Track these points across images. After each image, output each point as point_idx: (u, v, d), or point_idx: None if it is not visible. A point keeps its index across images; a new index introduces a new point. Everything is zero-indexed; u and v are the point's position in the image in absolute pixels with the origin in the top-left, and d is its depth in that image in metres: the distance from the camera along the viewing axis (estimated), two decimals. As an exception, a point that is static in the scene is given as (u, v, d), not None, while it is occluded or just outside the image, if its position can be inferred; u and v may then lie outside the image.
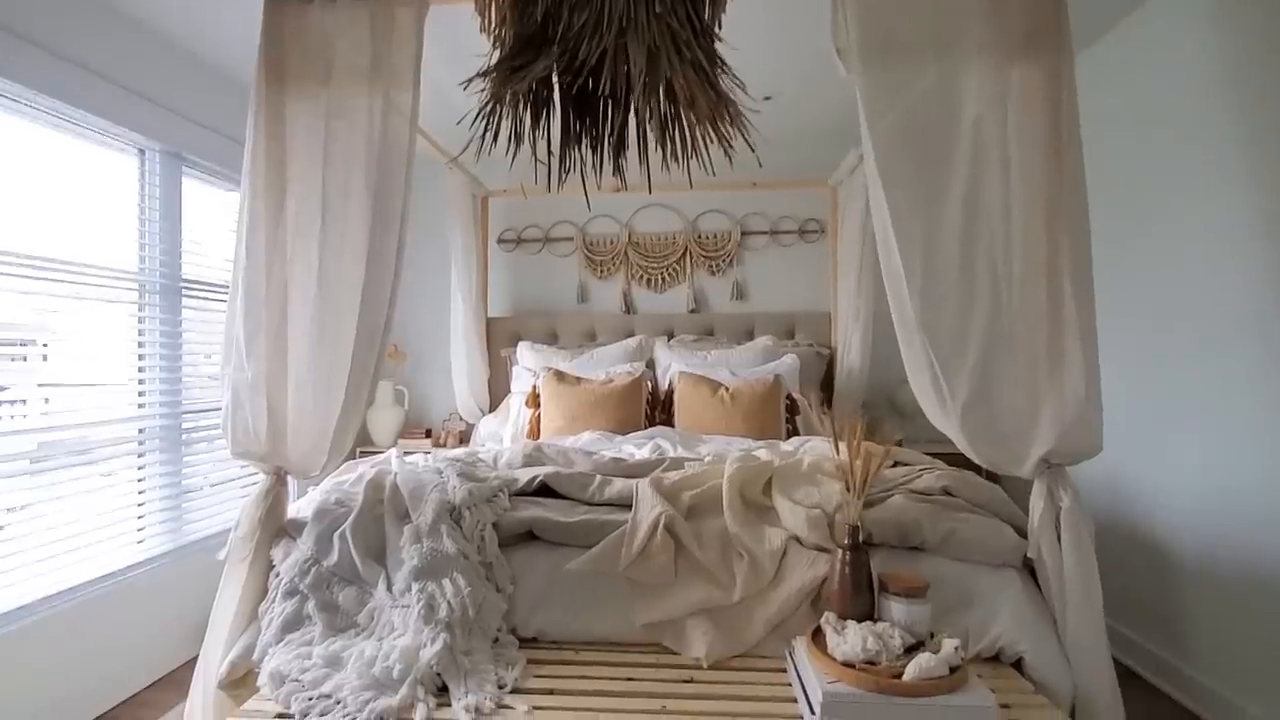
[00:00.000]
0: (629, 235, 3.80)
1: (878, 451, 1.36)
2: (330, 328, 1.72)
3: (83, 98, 2.20)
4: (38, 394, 2.23)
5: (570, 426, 2.78)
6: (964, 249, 1.59)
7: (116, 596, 2.31)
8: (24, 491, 2.13)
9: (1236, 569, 2.03)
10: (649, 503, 1.69)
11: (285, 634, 1.53)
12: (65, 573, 2.20)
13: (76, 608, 2.17)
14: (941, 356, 1.59)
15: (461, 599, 1.47)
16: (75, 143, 2.34)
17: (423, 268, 3.86)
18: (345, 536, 1.64)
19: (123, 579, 2.36)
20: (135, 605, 2.37)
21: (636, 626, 1.54)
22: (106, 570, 2.33)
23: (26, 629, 2.01)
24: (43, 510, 2.17)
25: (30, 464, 2.15)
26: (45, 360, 2.28)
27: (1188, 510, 2.21)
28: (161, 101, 2.54)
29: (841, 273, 3.45)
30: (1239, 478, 2.02)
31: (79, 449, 2.31)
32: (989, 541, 1.60)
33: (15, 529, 2.09)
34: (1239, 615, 2.01)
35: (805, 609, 1.54)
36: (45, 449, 2.20)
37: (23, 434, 2.13)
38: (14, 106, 2.09)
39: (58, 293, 2.24)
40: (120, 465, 2.47)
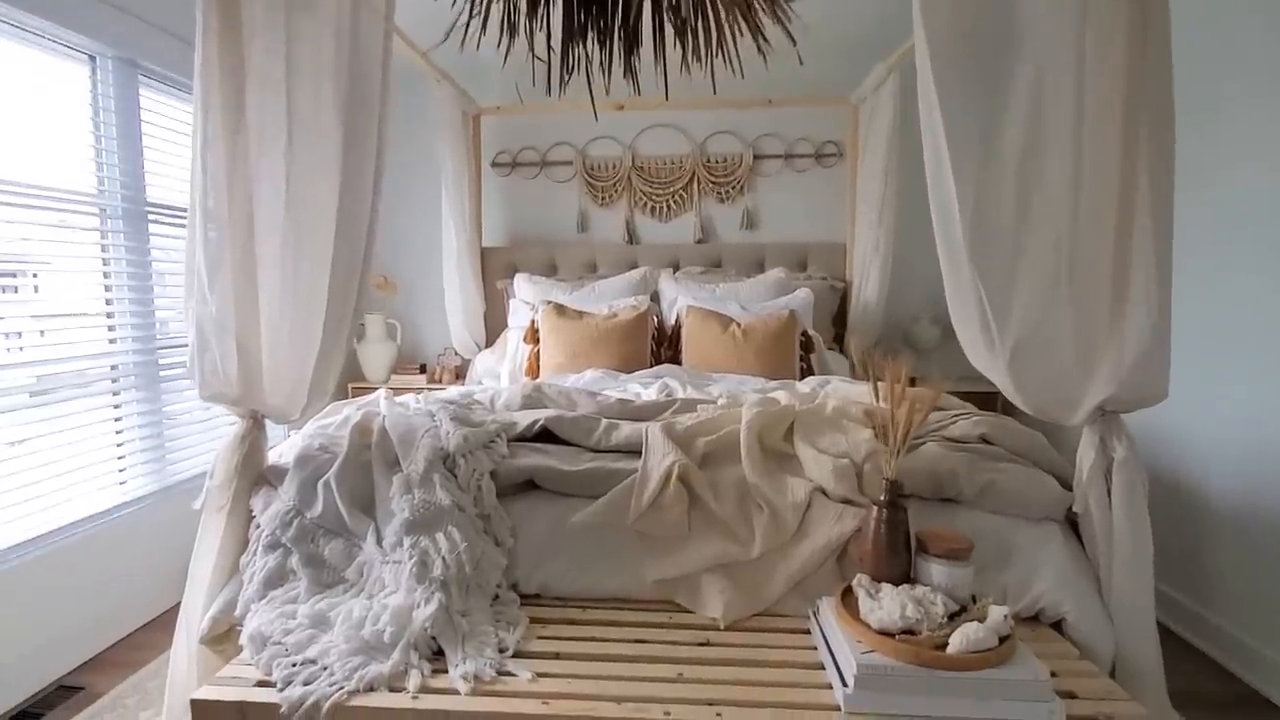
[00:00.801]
0: (632, 159, 3.54)
1: (924, 399, 1.21)
2: (303, 256, 1.53)
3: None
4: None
5: (572, 364, 2.62)
6: (1024, 171, 1.39)
7: (101, 539, 2.22)
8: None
9: (1273, 519, 1.93)
10: (660, 450, 1.55)
11: (268, 590, 1.42)
12: (44, 516, 2.09)
13: (59, 551, 2.08)
14: (992, 292, 1.41)
15: (457, 555, 1.35)
16: (15, 48, 2.07)
17: (412, 193, 3.62)
18: (330, 485, 1.51)
19: (106, 521, 2.26)
20: (121, 547, 2.28)
21: (647, 583, 1.43)
22: (89, 513, 2.22)
23: (10, 573, 1.92)
24: (14, 452, 2.04)
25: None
26: (3, 293, 2.10)
27: (1226, 458, 2.09)
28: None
29: (860, 200, 3.22)
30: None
31: (48, 388, 2.16)
32: (1031, 494, 1.47)
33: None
34: (1271, 565, 1.91)
35: (830, 565, 1.42)
36: (8, 389, 2.04)
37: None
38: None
39: (10, 218, 2.03)
40: (95, 404, 2.32)
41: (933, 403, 1.22)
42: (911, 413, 1.20)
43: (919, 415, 1.20)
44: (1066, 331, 1.40)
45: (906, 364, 1.33)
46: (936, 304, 3.42)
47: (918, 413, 1.20)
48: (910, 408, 1.20)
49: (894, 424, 1.23)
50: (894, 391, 1.23)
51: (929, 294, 3.45)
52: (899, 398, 1.22)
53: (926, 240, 3.39)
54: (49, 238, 2.18)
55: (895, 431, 1.23)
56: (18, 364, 2.07)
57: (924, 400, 1.20)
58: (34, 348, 2.15)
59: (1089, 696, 1.12)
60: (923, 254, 3.46)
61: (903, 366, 1.25)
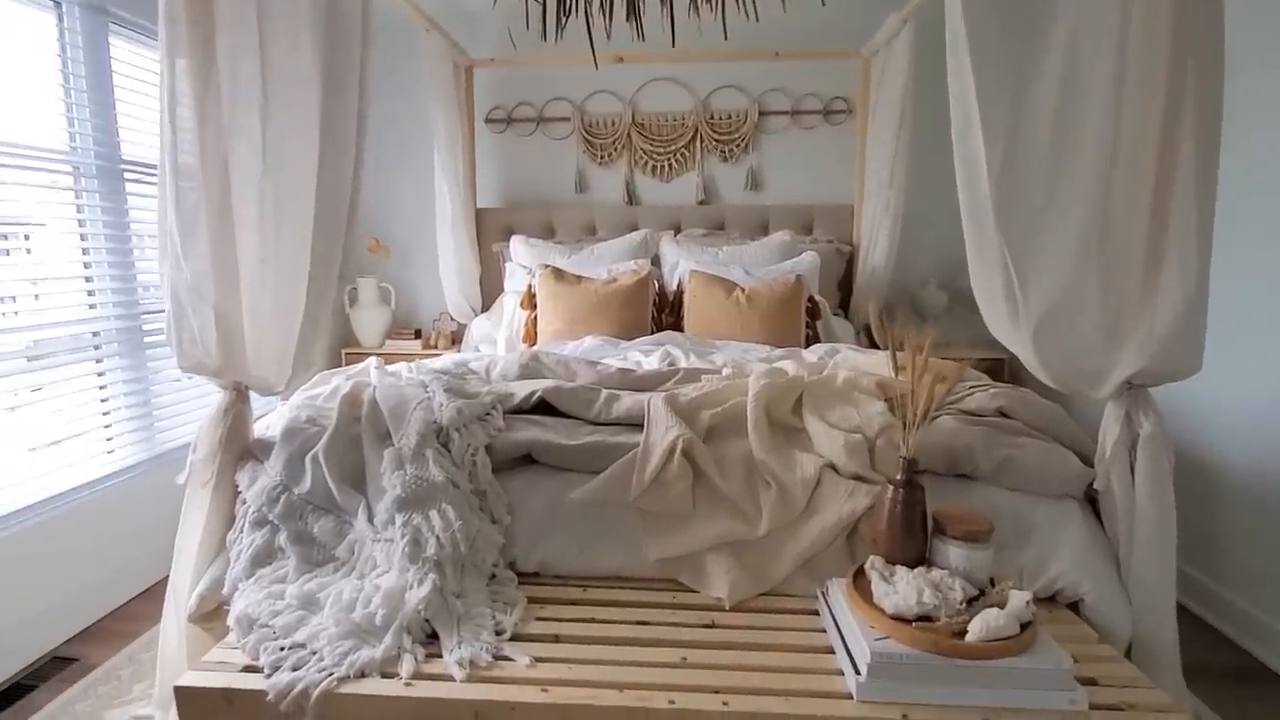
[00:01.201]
0: (633, 115, 3.39)
1: (949, 372, 1.13)
2: (284, 217, 1.43)
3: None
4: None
5: (570, 330, 2.54)
6: (1058, 125, 1.29)
7: (91, 508, 2.17)
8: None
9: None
10: (663, 423, 1.48)
11: (255, 568, 1.36)
12: (33, 486, 2.03)
13: (49, 521, 2.04)
14: (1018, 257, 1.33)
15: (452, 533, 1.29)
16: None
17: (404, 152, 3.48)
18: (318, 460, 1.44)
19: (96, 491, 2.21)
20: (112, 517, 2.24)
21: (650, 562, 1.37)
22: (77, 482, 2.17)
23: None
24: (2, 421, 1.97)
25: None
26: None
27: (1237, 431, 2.03)
28: (70, -64, 2.10)
29: (870, 159, 3.10)
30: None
31: (30, 355, 2.08)
32: (1050, 470, 1.41)
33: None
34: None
35: (839, 544, 1.37)
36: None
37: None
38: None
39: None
40: (79, 371, 2.24)
41: (957, 377, 1.15)
42: (933, 387, 1.12)
43: (941, 390, 1.13)
44: (1095, 300, 1.32)
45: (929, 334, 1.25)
46: (945, 269, 3.34)
47: (940, 387, 1.13)
48: (932, 382, 1.13)
49: (914, 398, 1.15)
50: (915, 364, 1.15)
51: (938, 258, 3.35)
52: (920, 371, 1.15)
53: (937, 202, 3.30)
54: (19, 199, 2.07)
55: (915, 406, 1.16)
56: (7, 330, 2.00)
57: (948, 374, 1.13)
58: (9, 314, 2.06)
59: (1111, 684, 1.08)
60: (933, 217, 3.37)
61: (926, 338, 1.16)
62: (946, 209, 3.39)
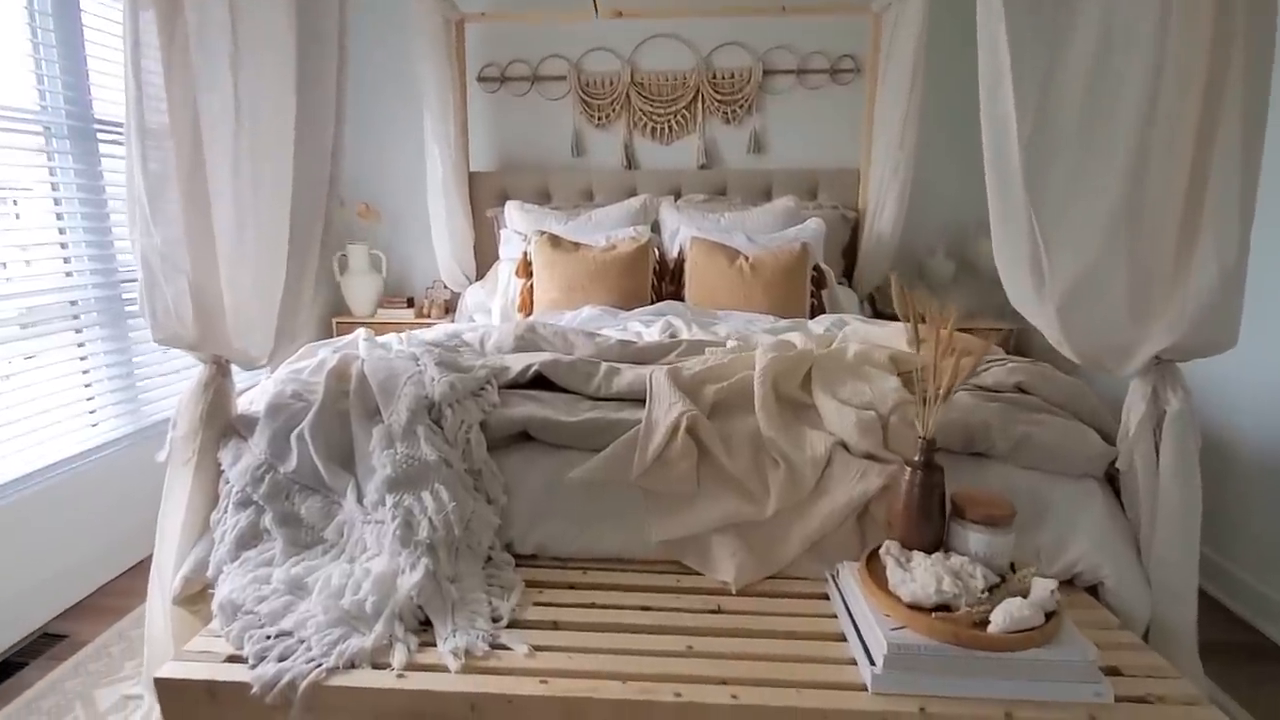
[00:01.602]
0: (631, 73, 3.25)
1: (974, 347, 1.06)
2: (261, 179, 1.34)
3: None
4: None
5: (567, 299, 2.46)
6: (1095, 81, 1.20)
7: (76, 483, 2.11)
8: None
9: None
10: (666, 399, 1.41)
11: (240, 550, 1.31)
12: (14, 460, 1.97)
13: (34, 496, 1.97)
14: (1047, 224, 1.24)
15: (445, 515, 1.23)
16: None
17: (393, 112, 3.34)
18: (304, 437, 1.37)
19: (80, 465, 2.14)
20: (98, 491, 2.18)
21: (652, 544, 1.32)
22: (60, 456, 2.10)
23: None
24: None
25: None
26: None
27: (1253, 408, 1.97)
28: (26, -127, 1.95)
29: (879, 121, 2.97)
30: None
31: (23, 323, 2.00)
32: (1070, 448, 1.35)
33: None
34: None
35: (849, 525, 1.31)
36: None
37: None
38: None
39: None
40: (59, 342, 2.16)
41: (983, 353, 1.08)
42: (958, 363, 1.05)
43: (966, 366, 1.06)
44: (1126, 271, 1.25)
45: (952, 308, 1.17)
46: (952, 236, 3.25)
47: (965, 362, 1.05)
48: (957, 357, 1.06)
49: (935, 375, 1.08)
50: (939, 339, 1.08)
51: (945, 225, 3.26)
52: (944, 346, 1.07)
53: (947, 167, 3.19)
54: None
55: (936, 384, 1.08)
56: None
57: (972, 349, 1.06)
58: (14, 280, 1.98)
59: (1134, 673, 1.03)
60: (942, 183, 3.27)
61: (952, 312, 1.09)
62: (956, 174, 3.35)
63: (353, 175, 3.40)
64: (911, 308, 1.10)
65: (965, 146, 3.25)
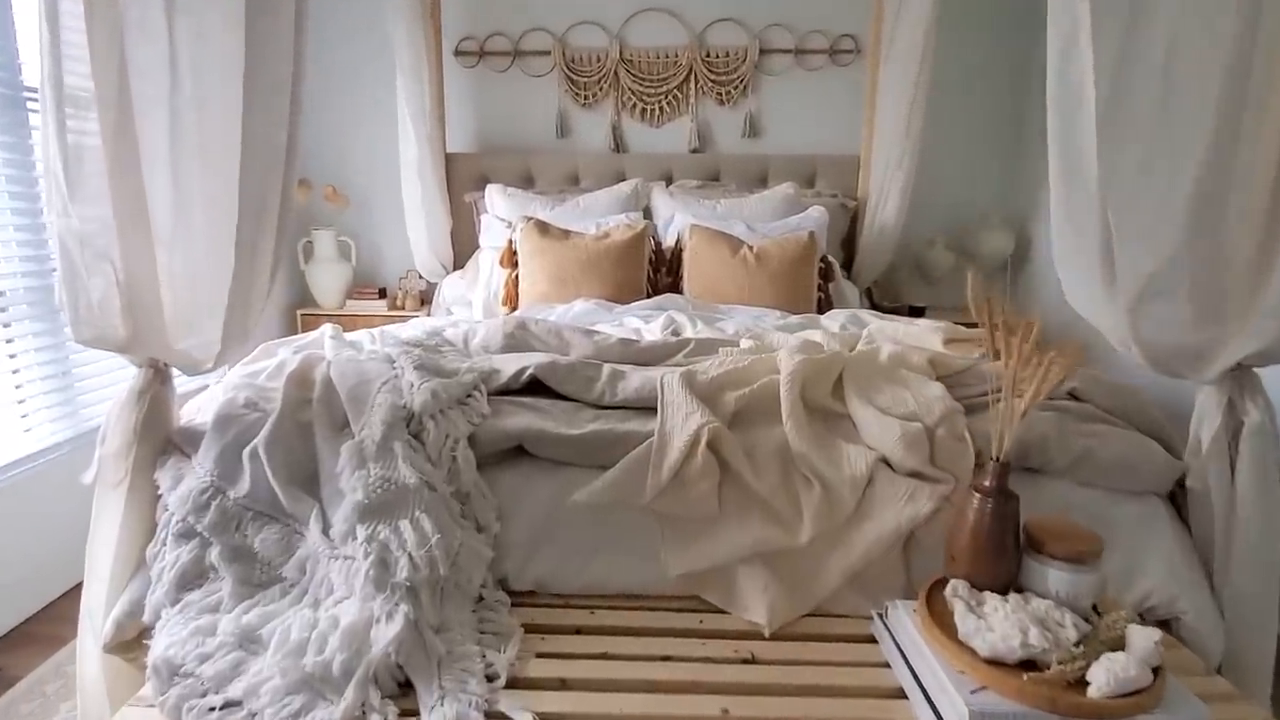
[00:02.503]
0: (620, 50, 3.04)
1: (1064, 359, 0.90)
2: (206, 149, 1.12)
3: None
4: None
5: (557, 292, 2.26)
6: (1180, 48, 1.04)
7: (4, 496, 1.87)
8: None
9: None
10: (682, 407, 1.23)
11: (182, 592, 1.10)
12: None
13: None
14: (1121, 210, 1.09)
15: (428, 550, 1.04)
16: None
17: (363, 87, 3.09)
18: (259, 455, 1.17)
19: (9, 476, 1.90)
20: (32, 504, 1.93)
21: (670, 578, 1.14)
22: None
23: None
24: None
25: None
26: None
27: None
28: None
29: (882, 105, 2.82)
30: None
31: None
32: (1135, 463, 1.21)
33: None
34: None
35: (894, 554, 1.15)
36: None
37: None
38: None
39: None
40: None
41: (1075, 363, 0.92)
42: (1047, 372, 0.89)
43: (1054, 377, 0.90)
44: (1208, 266, 1.10)
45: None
46: (953, 227, 3.12)
47: (1053, 374, 0.89)
48: (1046, 366, 0.89)
49: (1012, 387, 0.92)
50: (1019, 348, 0.91)
51: (946, 215, 3.13)
52: (1023, 355, 0.91)
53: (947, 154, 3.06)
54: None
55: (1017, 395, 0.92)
56: None
57: (1064, 360, 0.89)
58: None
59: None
60: (942, 170, 3.13)
61: (1033, 322, 0.93)
62: (957, 162, 3.22)
63: (320, 155, 3.15)
64: (989, 311, 0.93)
65: (967, 133, 3.15)
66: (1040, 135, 1.15)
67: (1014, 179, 3.12)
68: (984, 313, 0.92)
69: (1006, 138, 3.09)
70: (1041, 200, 2.94)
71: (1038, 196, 2.96)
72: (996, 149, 3.11)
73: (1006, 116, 3.07)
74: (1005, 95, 3.05)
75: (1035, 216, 2.99)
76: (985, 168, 3.13)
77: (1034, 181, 2.98)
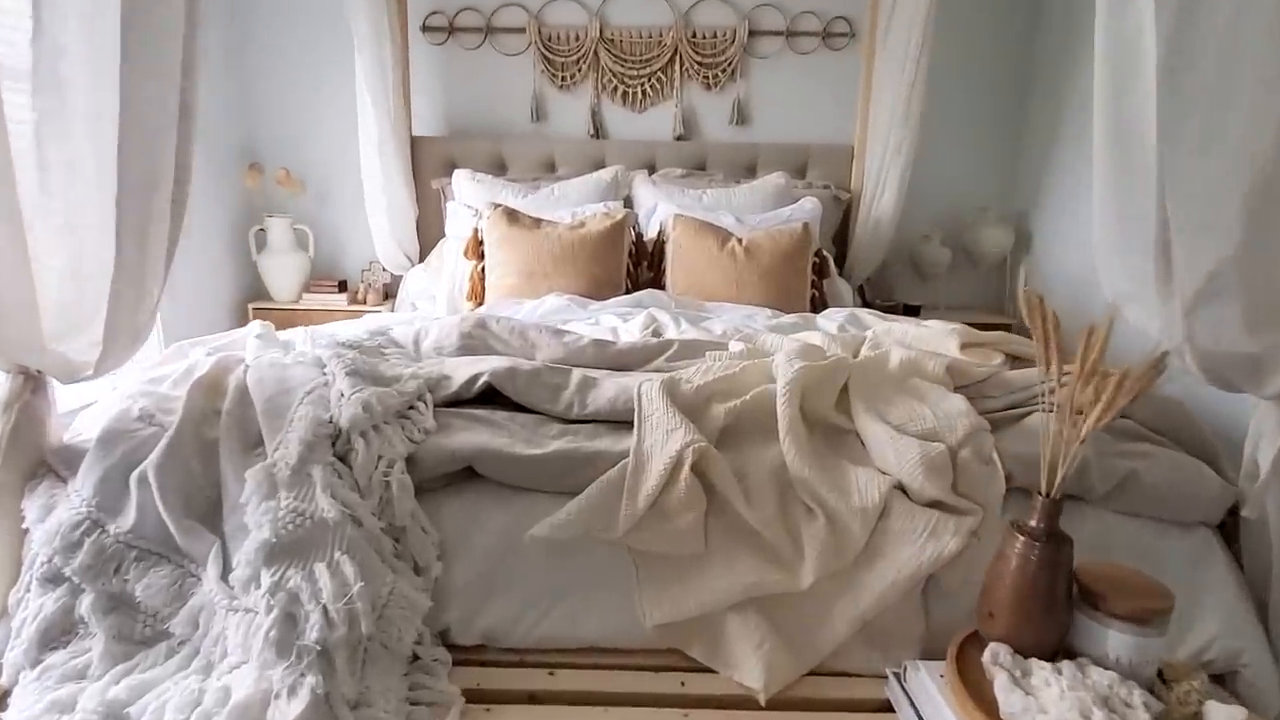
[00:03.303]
0: (600, 28, 2.84)
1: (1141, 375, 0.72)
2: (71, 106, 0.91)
3: None
4: None
5: (527, 287, 2.06)
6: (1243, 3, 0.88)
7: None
8: None
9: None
10: (663, 423, 1.05)
11: (44, 650, 0.89)
12: None
13: None
14: (1181, 194, 0.92)
15: (349, 602, 0.84)
16: None
17: (321, 59, 2.85)
18: (149, 480, 0.96)
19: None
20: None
21: (646, 629, 0.96)
22: None
23: None
24: None
25: None
26: None
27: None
28: None
29: (879, 92, 2.65)
30: None
31: None
32: (1184, 489, 1.04)
33: None
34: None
35: (912, 598, 0.97)
36: None
37: None
38: None
39: None
40: None
41: (1152, 378, 0.74)
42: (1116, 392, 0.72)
43: (1123, 396, 0.72)
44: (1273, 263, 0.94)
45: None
46: (949, 222, 2.96)
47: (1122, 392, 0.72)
48: (1116, 384, 0.72)
49: (1070, 410, 0.74)
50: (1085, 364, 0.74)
51: (942, 209, 2.97)
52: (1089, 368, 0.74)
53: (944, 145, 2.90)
54: None
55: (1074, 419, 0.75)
56: None
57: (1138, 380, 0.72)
58: None
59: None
60: (939, 162, 2.97)
61: (1102, 329, 0.75)
62: (957, 153, 3.06)
63: (272, 134, 2.92)
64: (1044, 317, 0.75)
65: (965, 122, 2.99)
66: (1043, 125, 0.98)
67: (1015, 171, 2.97)
68: (1036, 316, 0.74)
69: (1007, 127, 2.94)
70: (1044, 193, 2.80)
71: (1040, 189, 2.82)
72: (997, 139, 2.96)
73: (1008, 104, 2.92)
74: (1006, 82, 2.89)
75: (1037, 211, 2.85)
76: (984, 159, 2.98)
77: (1036, 173, 2.83)
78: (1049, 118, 2.73)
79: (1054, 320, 0.77)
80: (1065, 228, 2.66)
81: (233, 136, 2.84)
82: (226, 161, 2.80)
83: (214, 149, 2.71)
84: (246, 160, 2.85)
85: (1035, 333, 0.77)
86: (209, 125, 2.68)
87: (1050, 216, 2.75)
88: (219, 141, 2.75)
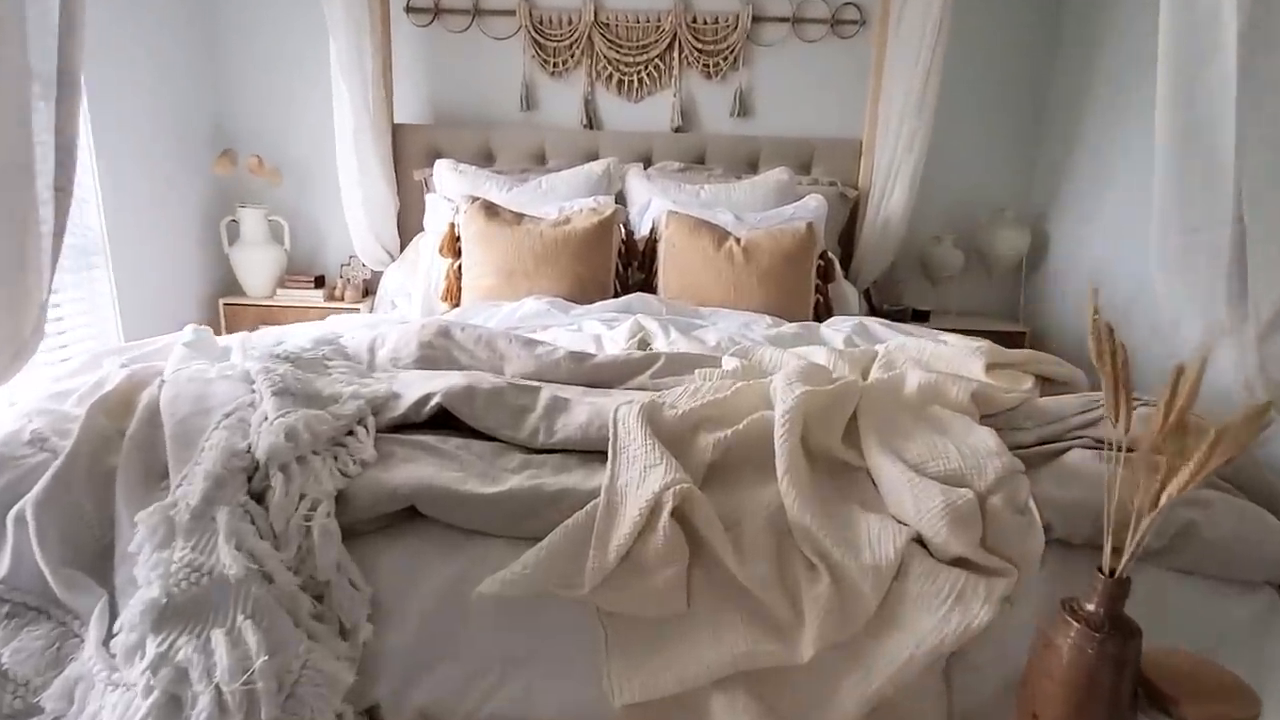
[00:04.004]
0: (595, 11, 2.68)
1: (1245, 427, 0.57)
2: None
3: None
4: None
5: (507, 287, 1.90)
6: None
7: None
8: None
9: None
10: (641, 456, 0.90)
11: (-112, 728, 0.74)
12: None
13: None
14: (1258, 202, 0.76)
15: (248, 679, 0.69)
16: None
17: (295, 39, 2.69)
18: (27, 519, 0.81)
19: None
20: None
21: (615, 708, 0.80)
22: None
23: None
24: None
25: None
26: None
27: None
28: None
29: (890, 83, 2.49)
30: None
31: None
32: (1249, 543, 0.89)
33: None
34: None
35: (934, 676, 0.82)
36: None
37: None
38: None
39: None
40: None
41: (1254, 432, 0.59)
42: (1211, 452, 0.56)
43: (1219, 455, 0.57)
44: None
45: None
46: (962, 222, 2.80)
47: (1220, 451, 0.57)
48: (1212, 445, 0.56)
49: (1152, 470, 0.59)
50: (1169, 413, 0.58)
51: (955, 209, 2.82)
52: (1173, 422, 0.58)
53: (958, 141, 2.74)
54: None
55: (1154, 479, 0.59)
56: None
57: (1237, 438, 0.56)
58: None
59: None
60: (952, 159, 2.80)
61: (1194, 372, 0.59)
62: (971, 150, 2.90)
63: (246, 119, 2.76)
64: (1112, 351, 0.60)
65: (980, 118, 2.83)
66: (1064, 120, 0.83)
67: (1032, 170, 2.82)
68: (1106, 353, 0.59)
69: (1025, 122, 2.78)
70: (1062, 194, 2.64)
71: (1058, 190, 2.66)
72: (1013, 136, 2.80)
73: (1026, 98, 2.76)
74: (1025, 74, 2.74)
75: (1055, 212, 2.69)
76: (1000, 156, 2.82)
77: (1055, 173, 2.68)
78: (1070, 112, 2.57)
79: (1124, 356, 0.61)
80: (1085, 233, 2.51)
81: (202, 121, 2.68)
82: (196, 147, 2.64)
83: (182, 133, 2.56)
84: (218, 147, 2.69)
85: (1103, 371, 0.62)
86: (177, 108, 2.55)
87: (1069, 218, 2.60)
88: (187, 125, 2.59)
